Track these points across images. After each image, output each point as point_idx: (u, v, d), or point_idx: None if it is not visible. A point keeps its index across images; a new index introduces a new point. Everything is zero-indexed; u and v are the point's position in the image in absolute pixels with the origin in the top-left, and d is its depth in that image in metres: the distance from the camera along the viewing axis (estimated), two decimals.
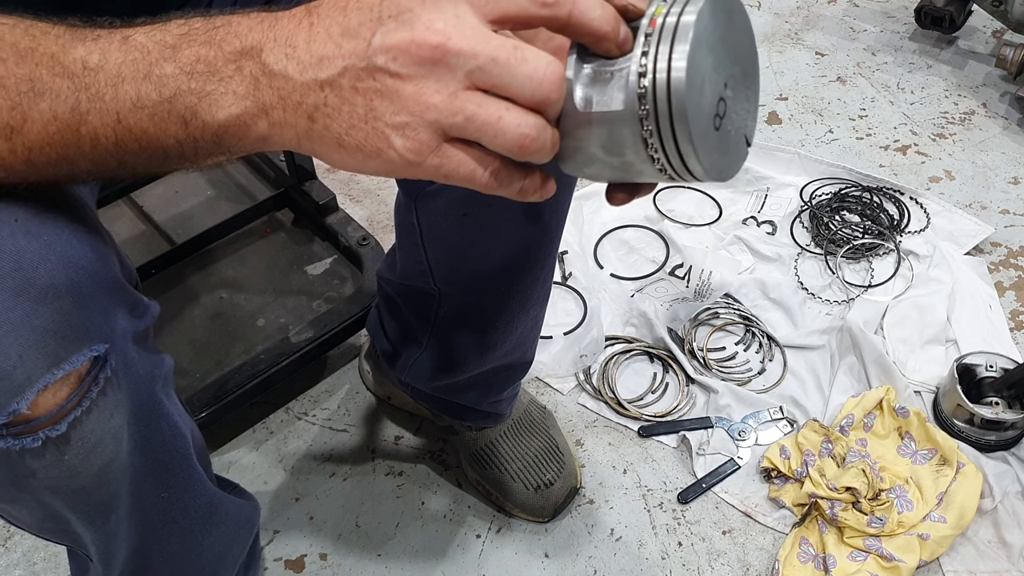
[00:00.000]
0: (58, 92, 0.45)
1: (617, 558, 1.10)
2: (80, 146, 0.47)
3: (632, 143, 0.45)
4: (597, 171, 0.48)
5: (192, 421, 0.73)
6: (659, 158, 0.45)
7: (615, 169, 0.48)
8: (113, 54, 0.46)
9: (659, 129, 0.44)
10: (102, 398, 0.53)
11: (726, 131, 0.47)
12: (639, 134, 0.45)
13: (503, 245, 0.84)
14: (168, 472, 0.66)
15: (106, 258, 0.52)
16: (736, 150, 0.49)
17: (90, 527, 0.63)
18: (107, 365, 0.52)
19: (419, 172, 0.46)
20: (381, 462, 1.20)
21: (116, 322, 0.54)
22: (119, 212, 1.39)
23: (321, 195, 1.32)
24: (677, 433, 1.21)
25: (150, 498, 0.66)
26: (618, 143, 0.46)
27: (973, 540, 1.09)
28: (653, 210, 1.52)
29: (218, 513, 0.76)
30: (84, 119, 0.46)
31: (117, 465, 0.58)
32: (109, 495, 0.60)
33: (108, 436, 0.55)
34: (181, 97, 0.46)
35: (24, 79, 0.45)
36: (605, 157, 0.47)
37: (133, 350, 0.57)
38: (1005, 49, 1.70)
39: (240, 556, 0.84)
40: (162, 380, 0.63)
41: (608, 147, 0.46)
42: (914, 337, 1.30)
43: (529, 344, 1.01)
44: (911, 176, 1.60)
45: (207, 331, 1.23)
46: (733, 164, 0.49)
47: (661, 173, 0.47)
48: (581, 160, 0.48)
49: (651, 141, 0.45)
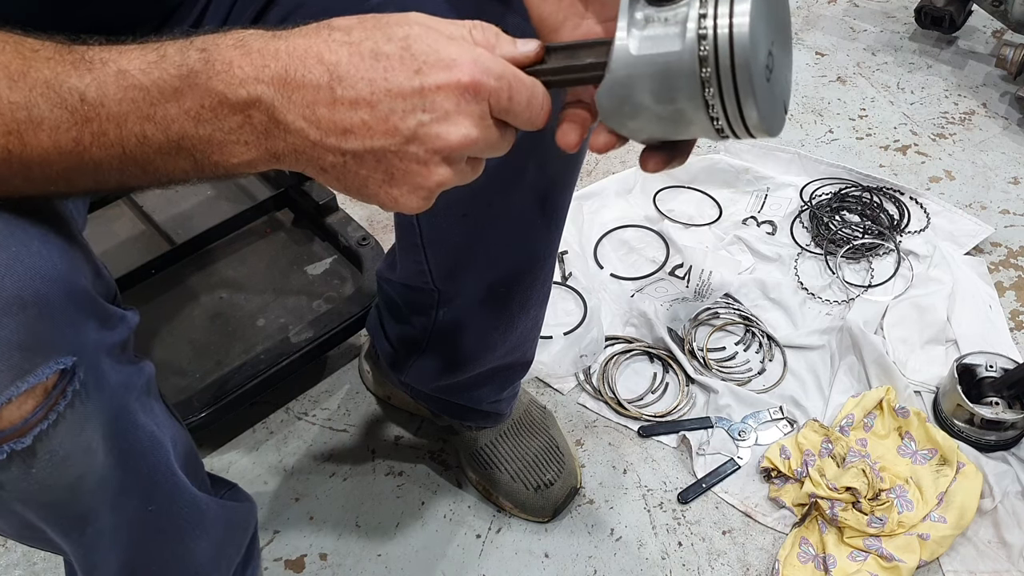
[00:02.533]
0: (58, 124, 0.45)
1: (617, 558, 1.10)
2: (82, 170, 0.47)
3: (687, 88, 0.44)
4: (642, 124, 0.47)
5: (179, 425, 0.71)
6: (715, 104, 0.44)
7: (662, 121, 0.47)
8: (111, 90, 0.45)
9: (719, 73, 0.43)
10: (70, 411, 0.52)
11: (773, 87, 0.47)
12: (696, 78, 0.44)
13: (502, 245, 0.84)
14: (152, 485, 0.65)
15: (77, 270, 0.51)
16: (778, 110, 0.49)
17: (66, 539, 0.62)
18: (75, 378, 0.51)
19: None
20: (381, 462, 1.20)
21: (86, 334, 0.53)
22: (119, 212, 1.39)
23: (321, 195, 1.32)
24: (677, 433, 1.21)
25: (136, 513, 0.65)
26: (672, 88, 0.45)
27: (973, 540, 1.09)
28: (653, 210, 1.52)
29: (207, 518, 0.74)
30: (87, 151, 0.46)
31: (91, 479, 0.57)
32: (84, 508, 0.59)
33: (79, 450, 0.54)
34: (188, 140, 0.46)
35: (20, 106, 0.44)
36: (654, 105, 0.46)
37: (105, 362, 0.55)
38: (1005, 49, 1.70)
39: (235, 557, 0.84)
40: (139, 390, 0.61)
41: (660, 93, 0.45)
42: (914, 337, 1.30)
43: (529, 344, 1.01)
44: (911, 176, 1.60)
45: (207, 331, 1.23)
46: (778, 122, 0.48)
47: (712, 122, 0.46)
48: (628, 110, 0.47)
49: (709, 85, 0.44)
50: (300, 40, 0.46)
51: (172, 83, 0.46)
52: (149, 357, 0.65)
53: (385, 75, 0.45)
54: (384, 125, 0.46)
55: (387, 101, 0.45)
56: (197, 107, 0.46)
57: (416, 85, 0.45)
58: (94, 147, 0.46)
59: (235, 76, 0.45)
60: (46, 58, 0.45)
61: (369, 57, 0.45)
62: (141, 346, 1.20)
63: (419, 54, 0.46)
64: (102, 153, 0.46)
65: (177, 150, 0.47)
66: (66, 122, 0.45)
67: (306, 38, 0.46)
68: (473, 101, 0.46)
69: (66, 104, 0.45)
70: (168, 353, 1.20)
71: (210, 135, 0.46)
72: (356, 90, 0.45)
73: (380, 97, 0.45)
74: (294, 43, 0.46)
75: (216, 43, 0.47)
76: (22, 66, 0.45)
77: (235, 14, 0.77)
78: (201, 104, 0.46)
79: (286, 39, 0.47)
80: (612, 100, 0.47)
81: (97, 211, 1.35)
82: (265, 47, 0.46)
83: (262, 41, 0.46)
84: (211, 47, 0.46)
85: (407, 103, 0.46)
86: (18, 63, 0.45)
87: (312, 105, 0.45)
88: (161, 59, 0.46)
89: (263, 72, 0.45)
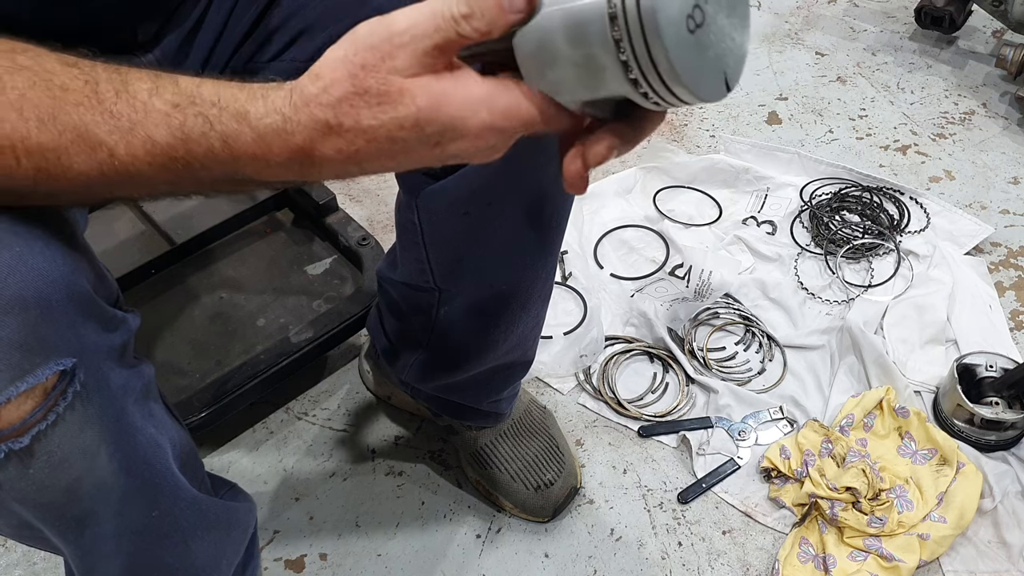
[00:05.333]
0: (88, 171, 0.47)
1: (617, 558, 1.10)
2: (107, 197, 0.51)
3: (599, 33, 0.43)
4: (560, 75, 0.46)
5: (178, 426, 0.71)
6: (625, 47, 0.43)
7: (578, 69, 0.45)
8: (139, 152, 0.47)
9: (630, 35, 0.42)
10: (70, 412, 0.52)
11: (703, 42, 0.45)
12: (604, 16, 0.43)
13: (504, 243, 0.84)
14: (155, 489, 0.65)
15: (79, 272, 0.52)
16: (714, 72, 0.46)
17: (63, 541, 0.62)
18: (75, 379, 0.52)
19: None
20: (381, 462, 1.20)
21: (87, 336, 0.53)
22: (119, 212, 1.39)
23: (321, 195, 1.32)
24: (677, 433, 1.21)
25: (140, 519, 0.65)
26: (583, 30, 0.44)
27: (973, 540, 1.09)
28: (653, 210, 1.52)
29: (208, 520, 0.74)
30: (115, 191, 0.50)
31: (90, 482, 0.57)
32: (82, 511, 0.59)
33: (77, 451, 0.55)
34: (216, 186, 0.50)
35: (50, 149, 0.46)
36: (569, 50, 0.45)
37: (105, 365, 0.56)
38: (1005, 49, 1.70)
39: (235, 558, 0.84)
40: (138, 393, 0.61)
41: (573, 37, 0.44)
42: (914, 337, 1.30)
43: (530, 343, 1.01)
44: (911, 176, 1.60)
45: (207, 331, 1.23)
46: (710, 83, 0.46)
47: (627, 71, 0.44)
48: (547, 58, 0.46)
49: (616, 26, 0.43)
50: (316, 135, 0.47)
51: (199, 160, 0.48)
52: (149, 357, 0.65)
53: (407, 154, 0.48)
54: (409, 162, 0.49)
55: (408, 164, 0.49)
56: (225, 178, 0.49)
57: (437, 154, 0.48)
58: (122, 191, 0.49)
59: (260, 167, 0.48)
60: (75, 103, 0.46)
61: (386, 142, 0.47)
62: (141, 346, 1.19)
63: (433, 135, 0.47)
64: (130, 194, 0.50)
65: (206, 187, 0.51)
66: (95, 171, 0.47)
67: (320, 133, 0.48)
68: (491, 143, 0.49)
69: (95, 156, 0.47)
70: (168, 353, 1.20)
71: (244, 184, 0.50)
72: (379, 163, 0.49)
73: (403, 164, 0.49)
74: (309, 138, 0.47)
75: (236, 136, 0.47)
76: (51, 107, 0.46)
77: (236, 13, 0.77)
78: (230, 178, 0.49)
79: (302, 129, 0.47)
80: (529, 44, 0.46)
81: (97, 211, 1.35)
82: (284, 145, 0.47)
83: (280, 140, 0.47)
84: (232, 138, 0.47)
85: (432, 155, 0.49)
86: (47, 103, 0.46)
87: (341, 166, 0.48)
88: (186, 139, 0.47)
89: (291, 164, 0.48)
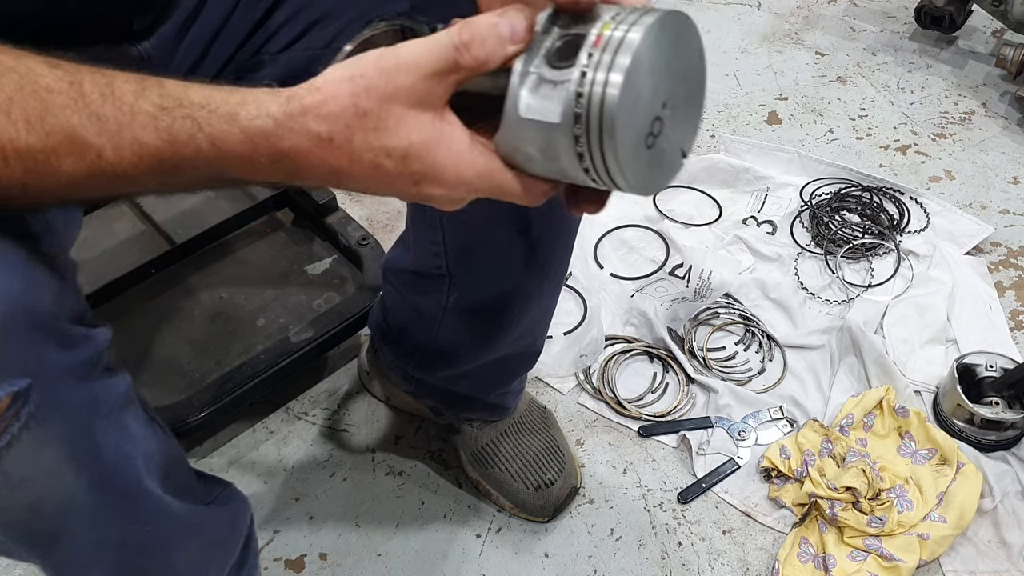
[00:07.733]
0: (76, 172, 0.47)
1: (617, 558, 1.10)
2: (97, 196, 0.51)
3: (566, 151, 0.48)
4: (537, 169, 0.51)
5: (159, 434, 0.69)
6: (589, 168, 0.48)
7: (552, 172, 0.51)
8: (126, 154, 0.48)
9: (589, 143, 0.47)
10: (25, 433, 0.51)
11: (660, 148, 0.50)
12: (572, 145, 0.48)
13: (522, 218, 0.84)
14: (131, 503, 0.64)
15: (37, 290, 0.51)
16: (670, 164, 0.52)
17: (35, 556, 0.62)
18: (29, 401, 0.50)
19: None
20: (381, 462, 1.20)
21: (44, 356, 0.52)
22: (119, 212, 1.39)
23: (321, 195, 1.32)
24: (677, 433, 1.21)
25: (118, 532, 0.64)
26: (554, 150, 0.49)
27: (973, 540, 1.09)
28: (653, 210, 1.52)
29: (191, 529, 0.74)
30: (105, 190, 0.50)
31: (58, 499, 0.57)
32: (52, 527, 0.59)
33: (39, 471, 0.54)
34: (204, 184, 0.51)
35: (38, 150, 0.46)
36: (542, 160, 0.50)
37: (65, 383, 0.54)
38: (1005, 49, 1.70)
39: (227, 560, 0.83)
40: (110, 406, 0.60)
41: (545, 152, 0.49)
42: (914, 337, 1.30)
43: (540, 330, 1.00)
44: (911, 176, 1.60)
45: (207, 331, 1.23)
46: (663, 178, 0.52)
47: (593, 182, 0.50)
48: (521, 160, 0.51)
49: (583, 152, 0.48)
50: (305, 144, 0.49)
51: (188, 161, 0.48)
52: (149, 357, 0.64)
53: (386, 182, 0.51)
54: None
55: (379, 192, 0.52)
56: (213, 177, 0.50)
57: (413, 192, 0.51)
58: (111, 191, 0.50)
59: (246, 168, 0.49)
60: (62, 106, 0.46)
61: (370, 167, 0.49)
62: (141, 347, 1.20)
63: (416, 173, 0.50)
64: (119, 193, 0.51)
65: (194, 185, 0.51)
66: (84, 173, 0.47)
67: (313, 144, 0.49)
68: (460, 196, 0.53)
69: (84, 159, 0.47)
70: (168, 353, 1.20)
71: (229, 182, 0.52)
72: (358, 184, 0.51)
73: (377, 191, 0.52)
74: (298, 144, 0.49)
75: (224, 137, 0.48)
76: (39, 109, 0.46)
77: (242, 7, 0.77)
78: (218, 177, 0.50)
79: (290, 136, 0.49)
80: (506, 148, 0.51)
81: (97, 211, 1.35)
82: (272, 148, 0.49)
83: (268, 143, 0.49)
84: (220, 139, 0.48)
85: (406, 191, 0.52)
86: (35, 105, 0.46)
87: (320, 179, 0.51)
88: (173, 140, 0.48)
89: (275, 167, 0.49)
